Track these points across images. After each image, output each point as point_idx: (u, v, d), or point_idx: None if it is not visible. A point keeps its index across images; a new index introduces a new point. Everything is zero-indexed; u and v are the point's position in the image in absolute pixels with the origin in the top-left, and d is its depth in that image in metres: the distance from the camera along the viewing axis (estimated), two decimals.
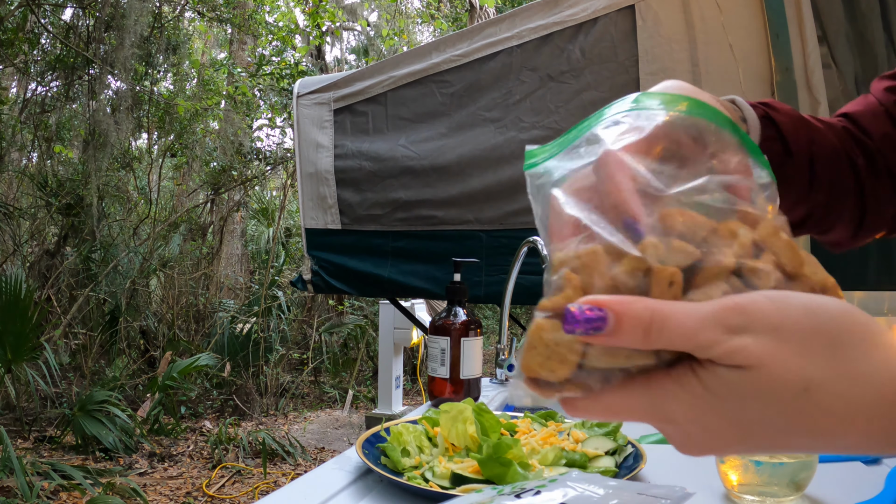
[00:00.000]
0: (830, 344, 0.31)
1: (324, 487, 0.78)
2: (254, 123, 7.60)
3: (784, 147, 0.63)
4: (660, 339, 0.32)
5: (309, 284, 2.65)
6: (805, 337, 0.31)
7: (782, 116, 0.64)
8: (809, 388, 0.31)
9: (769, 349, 0.31)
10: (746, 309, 0.32)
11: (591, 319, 0.32)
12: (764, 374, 0.31)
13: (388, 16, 9.30)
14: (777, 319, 0.31)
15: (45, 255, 6.12)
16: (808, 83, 2.19)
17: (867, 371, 0.31)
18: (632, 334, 0.32)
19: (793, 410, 0.31)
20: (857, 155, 0.68)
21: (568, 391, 0.34)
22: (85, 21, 6.14)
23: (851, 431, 0.32)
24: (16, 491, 3.11)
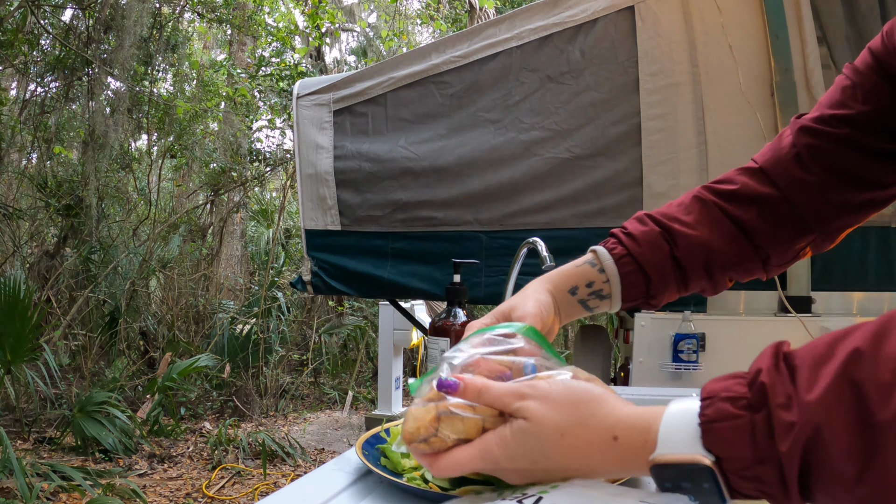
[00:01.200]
0: (575, 406, 0.52)
1: (323, 488, 0.78)
2: (253, 125, 7.60)
3: (644, 275, 0.82)
4: (486, 397, 0.56)
5: (308, 285, 2.65)
6: (561, 402, 0.53)
7: (640, 247, 0.81)
8: (564, 434, 0.51)
9: (540, 408, 0.53)
10: (533, 385, 0.54)
11: (451, 384, 0.57)
12: (536, 423, 0.52)
13: (387, 17, 9.30)
14: (546, 391, 0.54)
15: (44, 256, 6.12)
16: (807, 83, 2.19)
17: (593, 423, 0.51)
18: (471, 393, 0.56)
19: (556, 447, 0.52)
20: (749, 211, 0.82)
21: (432, 444, 0.56)
22: (84, 22, 6.14)
23: (592, 461, 0.52)
24: (15, 492, 3.11)
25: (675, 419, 0.48)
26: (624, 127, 2.31)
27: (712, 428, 0.45)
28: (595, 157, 2.34)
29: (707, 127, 2.28)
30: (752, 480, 0.44)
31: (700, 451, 0.45)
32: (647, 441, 0.49)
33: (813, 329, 2.36)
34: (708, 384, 0.49)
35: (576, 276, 0.82)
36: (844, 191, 0.81)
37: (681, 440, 0.46)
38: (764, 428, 0.43)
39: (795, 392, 0.42)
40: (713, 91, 2.27)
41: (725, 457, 0.45)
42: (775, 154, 0.84)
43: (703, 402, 0.47)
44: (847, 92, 0.80)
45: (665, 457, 0.47)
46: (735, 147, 2.27)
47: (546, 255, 1.38)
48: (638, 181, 2.30)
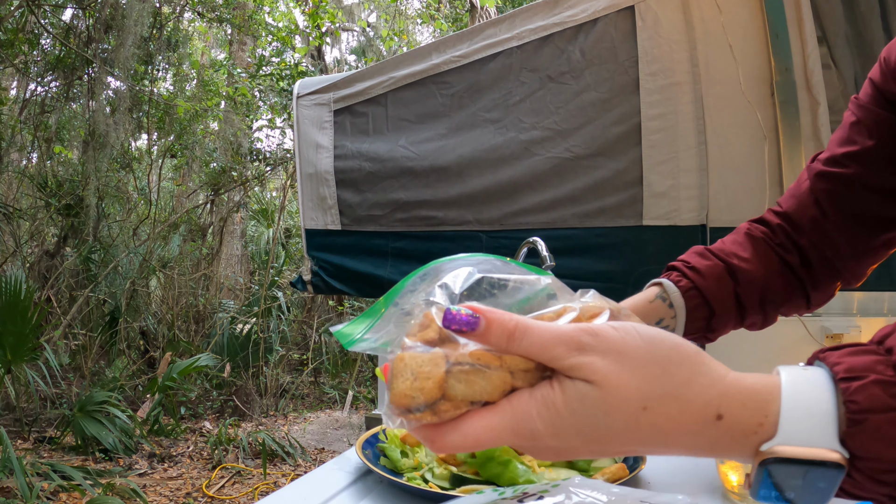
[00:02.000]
0: (663, 370, 0.38)
1: (324, 488, 0.78)
2: (254, 124, 7.60)
3: (709, 309, 0.80)
4: (521, 345, 0.38)
5: (309, 285, 2.65)
6: (642, 363, 0.38)
7: (706, 281, 0.80)
8: (647, 407, 0.38)
9: (613, 368, 0.37)
10: (596, 332, 0.38)
11: (466, 320, 0.38)
12: (610, 389, 0.37)
13: (387, 17, 9.29)
14: (621, 345, 0.38)
15: (44, 256, 6.12)
16: (807, 83, 2.19)
17: (689, 396, 0.38)
18: (498, 337, 0.38)
19: (635, 425, 0.38)
20: (792, 254, 0.83)
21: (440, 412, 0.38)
22: (84, 21, 6.14)
23: (678, 444, 0.39)
24: (15, 492, 3.11)
25: (801, 398, 0.37)
26: (624, 127, 2.31)
27: (866, 420, 0.35)
28: (595, 157, 2.33)
29: (707, 127, 2.28)
30: (888, 485, 0.37)
31: (836, 445, 0.36)
32: (762, 424, 0.37)
33: (813, 329, 2.35)
34: (836, 355, 0.39)
35: (649, 315, 0.80)
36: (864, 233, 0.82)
37: (813, 429, 0.36)
38: None
39: None
40: (713, 91, 2.27)
41: (867, 456, 0.36)
42: (796, 200, 0.85)
43: (848, 381, 0.37)
44: (853, 128, 0.81)
45: (788, 449, 0.36)
46: (735, 147, 2.27)
47: (546, 255, 1.39)
48: (638, 181, 2.30)
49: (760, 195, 2.23)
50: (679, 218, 2.29)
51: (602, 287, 2.07)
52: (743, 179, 2.27)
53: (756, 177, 2.25)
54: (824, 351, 0.40)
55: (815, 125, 2.18)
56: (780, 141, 2.23)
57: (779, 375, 0.39)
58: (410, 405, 0.38)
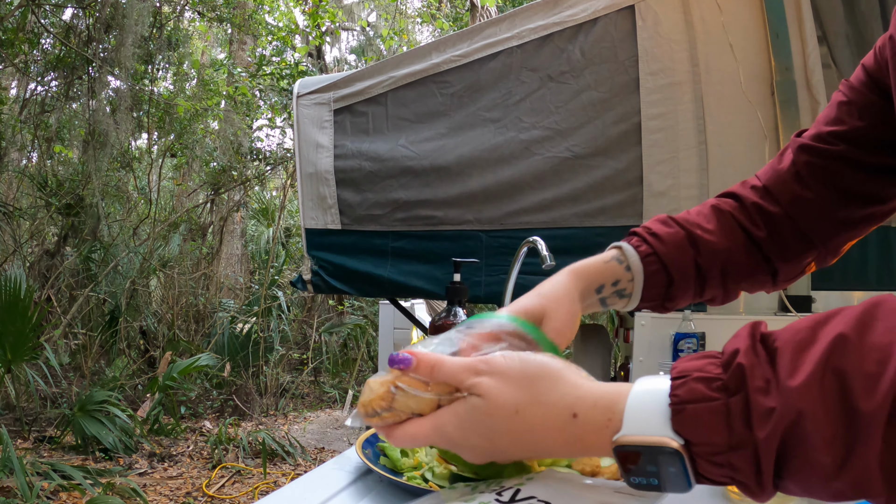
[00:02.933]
0: (531, 382, 0.50)
1: (324, 487, 0.78)
2: (254, 123, 7.60)
3: (667, 275, 0.81)
4: (439, 374, 0.53)
5: (309, 284, 2.65)
6: (516, 377, 0.50)
7: (665, 248, 0.81)
8: (518, 411, 0.49)
9: (494, 384, 0.50)
10: (488, 361, 0.52)
11: (403, 360, 0.54)
12: (491, 399, 0.50)
13: (387, 16, 9.29)
14: (503, 367, 0.51)
15: (45, 255, 6.12)
16: (807, 83, 2.19)
17: (551, 400, 0.49)
18: (424, 369, 0.53)
19: (511, 425, 0.49)
20: (760, 228, 0.84)
21: (384, 419, 0.55)
22: (85, 21, 6.14)
23: (547, 441, 0.49)
24: (16, 491, 3.11)
25: (642, 398, 0.46)
26: (624, 126, 2.31)
27: (684, 409, 0.43)
28: (595, 157, 2.34)
29: (707, 126, 2.28)
30: (723, 466, 0.42)
31: (669, 433, 0.43)
32: (610, 420, 0.46)
33: None
34: (679, 363, 0.46)
35: (604, 274, 0.80)
36: (844, 207, 0.82)
37: (648, 421, 0.44)
38: (740, 412, 0.41)
39: (776, 377, 0.41)
40: (713, 90, 2.27)
41: (696, 441, 0.42)
42: (776, 172, 0.85)
43: (675, 381, 0.44)
44: (843, 108, 0.82)
45: (630, 438, 0.45)
46: (735, 146, 2.27)
47: (546, 255, 1.38)
48: (638, 180, 2.30)
49: None
50: None
51: None
52: (743, 179, 2.26)
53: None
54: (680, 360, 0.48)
55: None
56: (781, 141, 2.23)
57: (635, 383, 0.47)
58: (368, 412, 0.56)
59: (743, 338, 0.44)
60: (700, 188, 2.28)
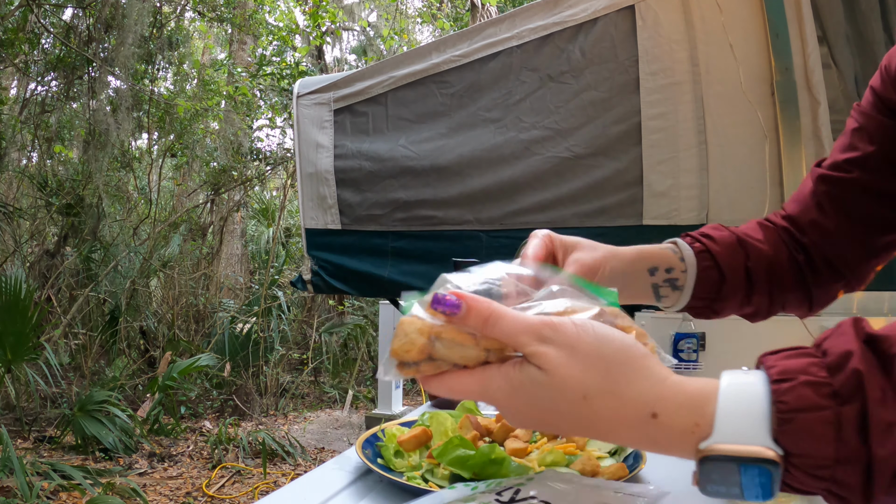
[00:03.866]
0: (607, 368, 0.44)
1: (324, 487, 0.78)
2: (254, 124, 7.60)
3: (720, 273, 0.80)
4: (493, 330, 0.46)
5: (309, 284, 2.65)
6: (590, 357, 0.44)
7: (718, 247, 0.80)
8: (587, 397, 0.44)
9: (562, 360, 0.44)
10: (556, 326, 0.45)
11: (451, 304, 0.46)
12: (557, 377, 0.44)
13: (388, 16, 9.29)
14: (574, 340, 0.44)
15: (45, 255, 6.12)
16: (808, 83, 2.19)
17: (628, 394, 0.43)
18: (475, 321, 0.46)
19: (575, 409, 0.44)
20: (798, 252, 0.84)
21: (423, 371, 0.47)
22: (85, 21, 6.14)
23: (616, 434, 0.45)
24: (16, 491, 3.11)
25: (736, 400, 0.41)
26: (624, 126, 2.31)
27: (794, 419, 0.38)
28: (595, 157, 2.33)
29: (707, 126, 2.28)
30: (825, 480, 0.39)
31: (768, 442, 0.39)
32: (698, 425, 0.41)
33: (813, 329, 2.35)
34: (773, 359, 0.42)
35: (659, 257, 0.78)
36: (865, 235, 0.82)
37: (745, 428, 0.40)
38: (854, 424, 0.37)
39: (894, 388, 0.37)
40: (713, 90, 2.27)
41: (800, 452, 0.38)
42: (800, 203, 0.86)
43: (779, 383, 0.40)
44: (855, 135, 0.82)
45: (722, 447, 0.40)
46: (735, 146, 2.27)
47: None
48: (638, 180, 2.30)
49: (760, 195, 2.23)
50: (679, 217, 2.29)
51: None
52: (743, 179, 2.26)
53: (756, 176, 2.25)
54: (766, 355, 0.43)
55: (816, 125, 2.18)
56: (781, 141, 2.23)
57: (720, 379, 0.43)
58: (401, 360, 0.47)
59: (851, 338, 0.40)
60: (700, 188, 2.28)
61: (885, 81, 0.78)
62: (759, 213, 2.24)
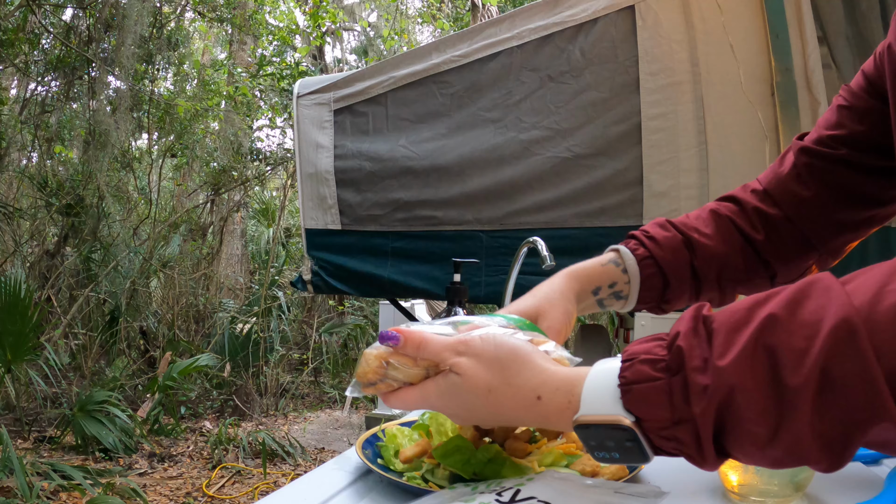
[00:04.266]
0: (502, 366, 0.55)
1: (324, 488, 0.78)
2: (254, 124, 7.60)
3: (663, 278, 0.84)
4: (424, 352, 0.59)
5: (309, 285, 2.65)
6: (489, 359, 0.56)
7: (662, 251, 0.84)
8: (491, 391, 0.55)
9: (470, 365, 0.56)
10: (467, 342, 0.58)
11: (391, 337, 0.60)
12: (467, 379, 0.56)
13: (388, 16, 9.29)
14: (480, 350, 0.57)
15: (45, 256, 6.12)
16: (808, 83, 2.19)
17: (518, 383, 0.54)
18: (410, 346, 0.59)
19: (485, 402, 0.55)
20: (758, 231, 0.85)
21: (380, 389, 0.63)
22: (85, 21, 6.14)
23: (517, 417, 0.55)
24: (16, 491, 3.11)
25: (597, 380, 0.50)
26: (624, 126, 2.31)
27: (631, 389, 0.46)
28: (595, 157, 2.33)
29: (707, 126, 2.28)
30: (670, 440, 0.46)
31: (621, 411, 0.47)
32: (570, 402, 0.51)
33: None
34: (631, 345, 0.50)
35: (601, 276, 0.83)
36: (845, 208, 0.83)
37: (602, 401, 0.48)
38: (680, 390, 0.44)
39: (710, 356, 0.44)
40: (714, 90, 2.27)
41: (645, 417, 0.46)
42: (777, 175, 0.87)
43: (624, 363, 0.48)
44: (843, 112, 0.83)
45: (587, 417, 0.49)
46: (735, 146, 2.27)
47: (546, 255, 1.38)
48: (638, 180, 2.30)
49: None
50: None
51: None
52: (743, 179, 2.24)
53: (756, 176, 2.25)
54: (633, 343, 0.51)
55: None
56: (780, 141, 2.23)
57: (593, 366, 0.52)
58: (363, 382, 0.63)
59: (686, 320, 0.47)
60: (700, 188, 2.28)
61: (878, 68, 0.78)
62: None
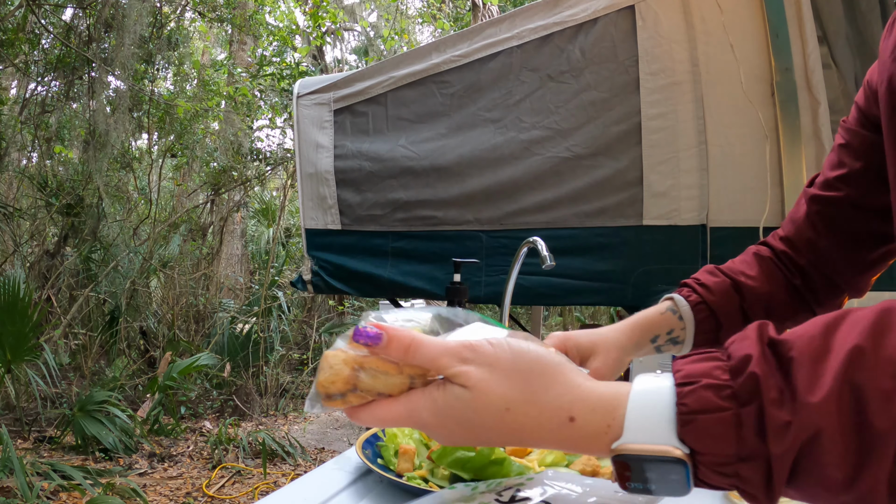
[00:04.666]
0: (525, 379, 0.46)
1: (324, 488, 0.78)
2: (254, 124, 7.60)
3: (716, 322, 0.86)
4: (415, 357, 0.47)
5: (309, 285, 2.65)
6: (507, 371, 0.46)
7: (714, 297, 0.87)
8: (509, 409, 0.46)
9: (483, 376, 0.46)
10: (474, 347, 0.47)
11: (371, 335, 0.47)
12: (479, 393, 0.46)
13: (388, 16, 9.29)
14: (493, 358, 0.47)
15: (45, 256, 6.12)
16: (808, 83, 2.19)
17: (545, 400, 0.45)
18: (396, 350, 0.47)
19: (499, 422, 0.46)
20: (795, 277, 0.89)
21: (349, 402, 0.48)
22: (85, 21, 6.14)
23: (539, 439, 0.46)
24: (16, 491, 3.11)
25: (644, 402, 0.44)
26: (624, 126, 2.31)
27: (695, 419, 0.41)
28: (595, 157, 2.33)
29: (708, 126, 2.28)
30: (728, 476, 0.41)
31: (674, 441, 0.42)
32: (610, 426, 0.44)
33: None
34: (682, 364, 0.45)
35: (660, 325, 0.87)
36: (859, 251, 0.87)
37: (652, 428, 0.42)
38: (752, 424, 0.40)
39: (790, 389, 0.40)
40: (714, 90, 2.27)
41: (703, 451, 0.41)
42: (794, 224, 0.91)
43: (682, 387, 0.43)
44: (842, 151, 0.85)
45: (632, 446, 0.43)
46: (735, 146, 2.27)
47: (546, 255, 1.38)
48: (638, 180, 2.30)
49: (761, 195, 2.23)
50: (679, 218, 2.29)
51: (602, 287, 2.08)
52: (743, 179, 2.26)
53: (756, 177, 2.25)
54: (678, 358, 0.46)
55: (816, 125, 2.18)
56: (781, 141, 2.23)
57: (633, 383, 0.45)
58: (327, 393, 0.48)
59: (752, 341, 0.43)
60: (700, 188, 2.28)
61: (868, 97, 0.80)
62: (759, 213, 2.24)
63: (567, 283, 2.33)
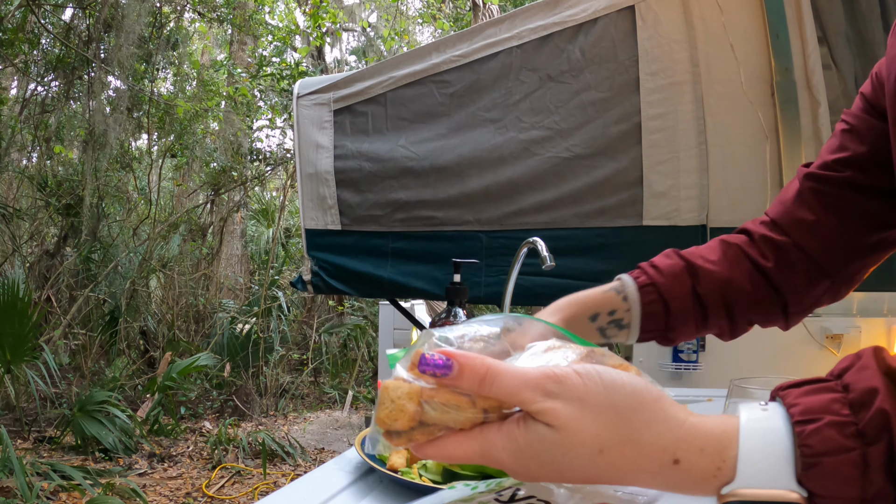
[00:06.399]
0: (621, 417, 0.41)
1: (323, 488, 0.78)
2: (254, 124, 7.60)
3: (664, 305, 0.81)
4: (491, 389, 0.42)
5: (309, 285, 2.65)
6: (600, 409, 0.41)
7: (663, 278, 0.82)
8: (603, 450, 0.41)
9: (573, 414, 0.40)
10: (560, 379, 0.41)
11: (440, 365, 0.42)
12: (569, 434, 0.40)
13: (388, 17, 9.29)
14: (582, 392, 0.41)
15: (44, 256, 6.12)
16: (808, 83, 2.19)
17: (646, 441, 0.41)
18: (470, 381, 0.42)
19: (592, 465, 0.41)
20: (768, 258, 0.83)
21: (415, 439, 0.43)
22: (84, 21, 6.14)
23: (638, 482, 0.42)
24: (15, 491, 3.11)
25: (758, 442, 0.40)
26: (624, 126, 2.31)
27: (820, 462, 0.37)
28: (595, 157, 2.33)
29: (707, 126, 2.28)
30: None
31: (793, 485, 0.38)
32: (720, 469, 0.40)
33: (813, 329, 2.35)
34: (796, 396, 0.41)
35: (599, 302, 0.82)
36: (852, 232, 0.81)
37: (771, 472, 0.39)
38: (882, 465, 0.37)
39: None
40: (714, 90, 2.27)
41: (826, 495, 0.37)
42: (782, 203, 0.85)
43: (803, 425, 0.39)
44: (845, 136, 0.81)
45: (749, 492, 0.39)
46: (736, 146, 2.27)
47: (546, 255, 1.38)
48: (638, 181, 2.30)
49: (761, 195, 2.23)
50: (679, 218, 2.29)
51: None
52: (743, 179, 2.27)
53: (757, 177, 2.25)
54: (785, 388, 0.43)
55: (816, 125, 2.18)
56: (781, 141, 2.23)
57: (738, 417, 0.41)
58: (389, 430, 0.43)
59: (874, 372, 0.39)
60: (700, 188, 2.28)
61: (876, 87, 0.78)
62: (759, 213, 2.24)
63: (567, 284, 2.33)
